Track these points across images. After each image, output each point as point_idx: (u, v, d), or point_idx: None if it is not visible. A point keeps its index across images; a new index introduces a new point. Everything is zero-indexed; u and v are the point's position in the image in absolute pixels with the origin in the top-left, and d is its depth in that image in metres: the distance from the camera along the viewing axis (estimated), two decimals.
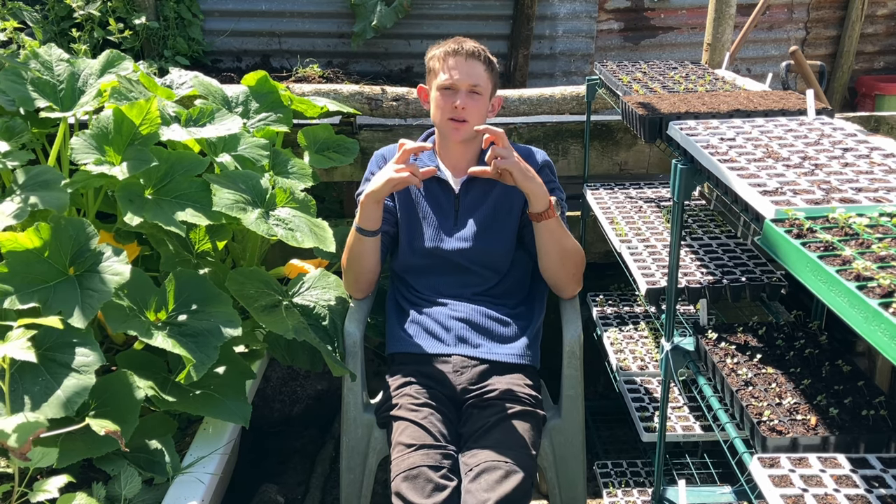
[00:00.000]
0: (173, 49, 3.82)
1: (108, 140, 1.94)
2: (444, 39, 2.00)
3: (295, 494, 2.56)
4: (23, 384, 1.53)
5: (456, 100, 1.91)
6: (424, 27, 4.06)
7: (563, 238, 1.94)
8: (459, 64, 1.92)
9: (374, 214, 1.92)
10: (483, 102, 1.95)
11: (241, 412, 1.81)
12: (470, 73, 1.92)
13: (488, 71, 1.96)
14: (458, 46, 1.94)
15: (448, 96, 1.93)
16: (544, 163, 2.07)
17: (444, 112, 1.94)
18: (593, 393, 3.03)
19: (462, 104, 1.91)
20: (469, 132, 1.95)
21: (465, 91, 1.92)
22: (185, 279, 1.84)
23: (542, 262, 1.98)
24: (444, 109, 1.94)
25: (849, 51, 4.58)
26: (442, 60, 1.94)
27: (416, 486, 1.64)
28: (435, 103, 1.97)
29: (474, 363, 1.91)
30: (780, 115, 1.74)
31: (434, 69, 1.97)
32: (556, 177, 2.09)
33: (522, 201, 2.00)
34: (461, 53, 1.93)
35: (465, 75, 1.92)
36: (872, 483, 1.22)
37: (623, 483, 2.31)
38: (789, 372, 1.51)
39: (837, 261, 1.01)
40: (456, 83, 1.92)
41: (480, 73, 1.93)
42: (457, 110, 1.91)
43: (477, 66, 1.93)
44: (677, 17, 4.34)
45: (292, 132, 2.57)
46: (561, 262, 1.96)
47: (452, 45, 1.95)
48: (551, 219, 1.89)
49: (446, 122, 1.95)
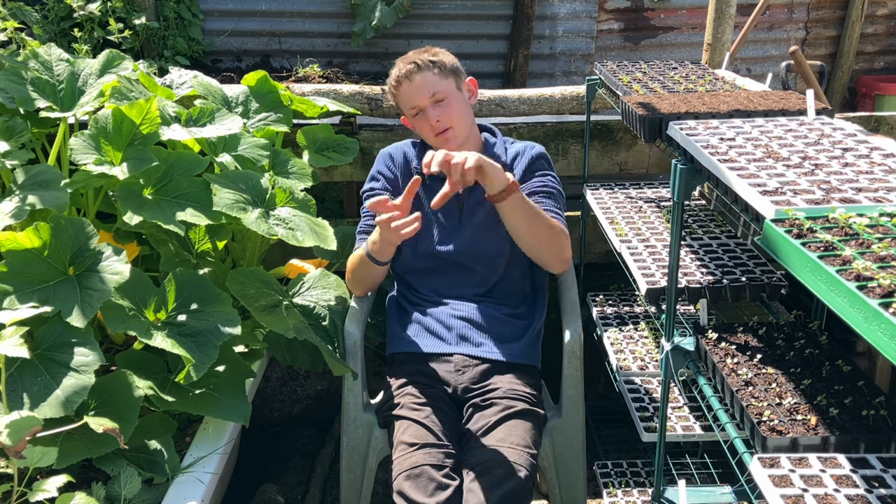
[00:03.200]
0: (173, 49, 3.82)
1: (108, 140, 1.94)
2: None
3: (295, 494, 2.56)
4: (22, 383, 1.53)
5: (429, 118, 1.95)
6: (424, 27, 4.06)
7: (533, 214, 1.84)
8: (408, 88, 1.97)
9: (390, 252, 1.91)
10: (453, 102, 1.97)
11: (241, 411, 1.81)
12: (423, 87, 1.95)
13: (439, 73, 1.96)
14: (398, 73, 1.98)
15: (421, 119, 1.98)
16: (538, 154, 2.06)
17: (427, 132, 2.00)
18: (593, 393, 3.03)
19: (435, 118, 1.94)
20: (460, 136, 1.98)
21: (429, 106, 1.95)
22: (184, 279, 1.84)
23: (519, 243, 1.91)
24: (425, 131, 2.00)
25: (849, 51, 4.58)
26: (396, 93, 2.01)
27: (418, 485, 1.64)
28: (417, 129, 2.03)
29: (476, 362, 1.91)
30: (780, 115, 1.74)
31: (397, 104, 2.04)
32: (552, 167, 2.07)
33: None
34: (404, 79, 1.97)
35: (420, 93, 1.95)
36: (872, 483, 1.22)
37: (623, 483, 2.31)
38: (789, 372, 1.51)
39: (837, 261, 1.01)
40: (417, 105, 1.96)
41: (431, 80, 1.95)
42: (435, 126, 1.95)
43: (425, 76, 1.95)
44: (677, 17, 4.34)
45: (292, 132, 2.57)
46: (535, 237, 1.88)
47: (395, 72, 2.00)
48: (514, 194, 1.76)
49: (435, 140, 1.99)
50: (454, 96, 1.97)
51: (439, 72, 1.96)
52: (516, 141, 2.12)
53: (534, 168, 2.03)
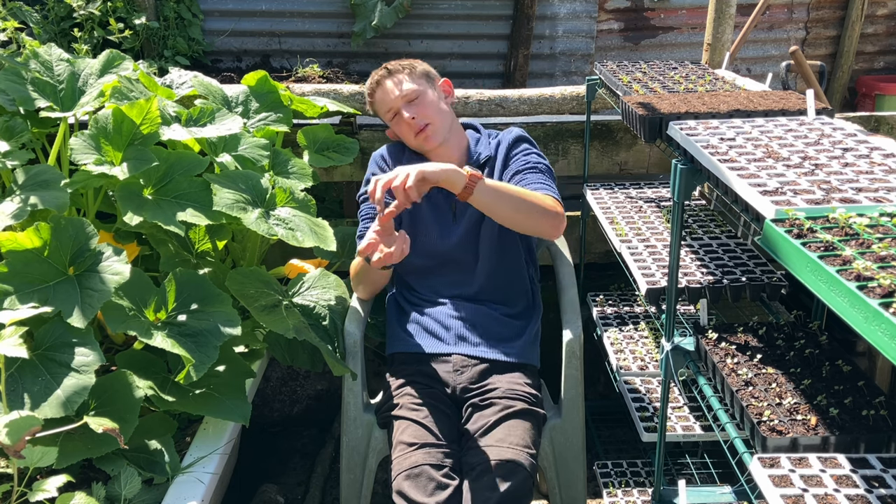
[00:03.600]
0: (173, 49, 3.82)
1: (108, 140, 1.93)
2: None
3: (295, 494, 2.56)
4: (22, 383, 1.53)
5: (405, 118, 1.99)
6: (424, 27, 4.06)
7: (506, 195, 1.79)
8: (381, 96, 2.04)
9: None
10: (426, 100, 2.01)
11: (241, 412, 1.81)
12: (393, 91, 2.01)
13: (408, 75, 2.02)
14: (370, 87, 2.07)
15: (398, 121, 2.03)
16: (516, 137, 2.06)
17: (407, 135, 2.03)
18: (593, 393, 3.03)
19: (410, 115, 1.99)
20: (439, 131, 2.01)
21: (402, 106, 2.00)
22: (185, 279, 1.84)
23: (507, 226, 1.87)
24: (405, 133, 2.04)
25: (849, 51, 4.58)
26: (372, 103, 2.09)
27: (418, 485, 1.64)
28: (399, 135, 2.07)
29: (474, 362, 1.91)
30: (780, 115, 1.74)
31: (377, 115, 2.10)
32: (534, 146, 2.06)
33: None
34: (376, 90, 2.05)
35: (391, 97, 2.02)
36: (872, 483, 1.22)
37: (623, 483, 2.31)
38: (789, 372, 1.51)
39: (837, 261, 1.01)
40: (392, 107, 2.02)
41: (400, 82, 2.01)
42: (411, 124, 1.99)
43: (395, 79, 2.02)
44: (677, 17, 4.34)
45: (292, 132, 2.57)
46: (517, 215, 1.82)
47: (367, 89, 2.07)
48: (477, 184, 1.71)
49: (416, 140, 2.02)
50: (427, 95, 2.02)
51: (409, 73, 2.03)
52: (491, 130, 2.13)
53: (513, 150, 2.05)
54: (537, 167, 1.99)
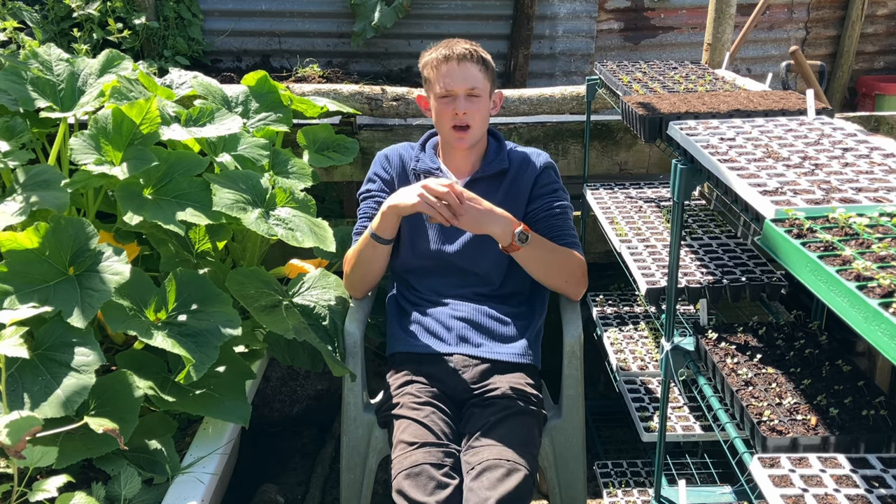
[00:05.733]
0: (173, 49, 3.81)
1: (108, 140, 1.94)
2: (442, 40, 1.99)
3: (295, 494, 2.56)
4: (23, 383, 1.53)
5: (456, 107, 1.91)
6: (424, 27, 4.06)
7: (543, 258, 1.92)
8: (453, 70, 1.91)
9: (394, 225, 1.91)
10: (483, 103, 1.95)
11: (241, 412, 1.81)
12: (465, 77, 1.91)
13: (483, 70, 1.94)
14: (448, 52, 1.92)
15: (447, 104, 1.93)
16: (546, 165, 2.05)
17: (445, 121, 1.94)
18: (593, 393, 3.03)
19: (462, 109, 1.90)
20: (473, 138, 1.96)
21: (463, 96, 1.91)
22: (185, 279, 1.84)
23: (534, 278, 1.97)
24: (445, 118, 1.94)
25: (849, 51, 4.58)
26: (435, 69, 1.93)
27: (418, 484, 1.64)
28: (436, 113, 1.97)
29: (475, 362, 1.91)
30: (780, 115, 1.74)
31: (429, 79, 1.97)
32: (560, 177, 2.08)
33: (525, 203, 2.00)
34: (453, 58, 1.91)
35: (461, 80, 1.90)
36: (872, 483, 1.22)
37: (623, 483, 2.31)
38: (789, 372, 1.51)
39: (837, 261, 1.01)
40: (453, 90, 1.91)
41: (475, 74, 1.92)
42: (458, 117, 1.91)
43: (471, 68, 1.92)
44: (677, 17, 4.34)
45: (292, 132, 2.57)
46: (548, 276, 1.96)
47: (444, 50, 1.93)
48: (519, 250, 1.86)
49: (449, 132, 1.95)
50: (484, 100, 1.95)
51: (485, 71, 1.95)
52: (520, 147, 2.10)
53: (542, 178, 2.02)
54: (566, 212, 2.02)
